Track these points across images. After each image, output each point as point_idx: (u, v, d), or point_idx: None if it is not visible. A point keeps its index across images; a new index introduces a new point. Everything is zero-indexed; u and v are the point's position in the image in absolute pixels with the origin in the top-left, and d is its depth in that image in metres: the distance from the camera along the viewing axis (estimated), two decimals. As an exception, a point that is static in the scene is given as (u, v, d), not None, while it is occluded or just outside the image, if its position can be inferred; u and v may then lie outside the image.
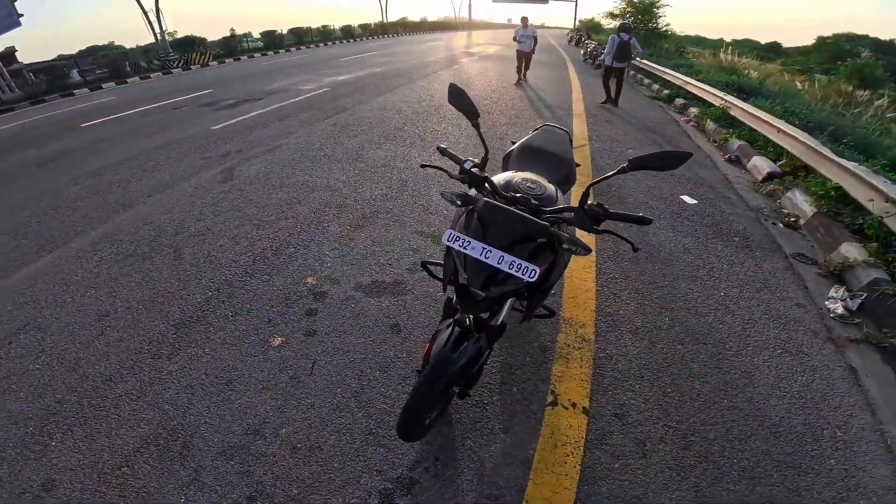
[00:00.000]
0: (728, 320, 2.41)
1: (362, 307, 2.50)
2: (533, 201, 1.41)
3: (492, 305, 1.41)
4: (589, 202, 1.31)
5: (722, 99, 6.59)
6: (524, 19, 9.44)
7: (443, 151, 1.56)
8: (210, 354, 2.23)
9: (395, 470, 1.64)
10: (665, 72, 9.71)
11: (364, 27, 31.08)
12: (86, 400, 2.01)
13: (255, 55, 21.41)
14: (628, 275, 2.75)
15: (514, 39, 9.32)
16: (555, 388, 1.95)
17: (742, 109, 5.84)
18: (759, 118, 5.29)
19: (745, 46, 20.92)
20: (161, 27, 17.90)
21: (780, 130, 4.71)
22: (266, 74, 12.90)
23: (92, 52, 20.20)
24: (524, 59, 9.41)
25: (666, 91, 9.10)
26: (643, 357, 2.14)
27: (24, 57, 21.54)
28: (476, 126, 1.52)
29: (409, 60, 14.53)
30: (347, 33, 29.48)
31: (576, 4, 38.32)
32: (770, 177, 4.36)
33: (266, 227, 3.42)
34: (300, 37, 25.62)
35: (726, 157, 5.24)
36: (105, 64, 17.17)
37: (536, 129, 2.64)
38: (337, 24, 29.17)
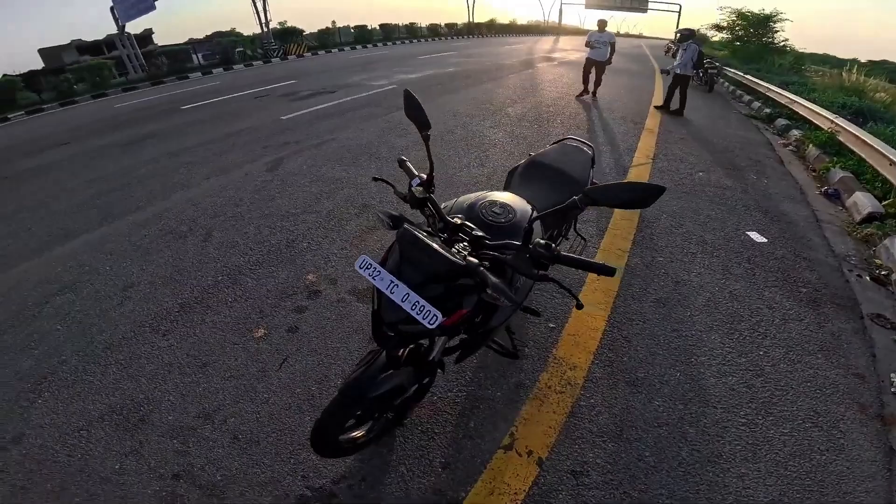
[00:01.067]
0: (756, 384, 1.99)
1: (349, 312, 2.44)
2: (475, 232, 1.23)
3: (413, 340, 1.25)
4: (537, 241, 1.10)
5: (831, 122, 5.60)
6: (601, 22, 7.95)
7: (401, 164, 1.45)
8: (198, 337, 2.32)
9: (319, 479, 1.58)
10: (769, 88, 8.54)
11: (450, 27, 31.49)
12: (82, 365, 2.18)
13: (346, 48, 22.65)
14: (649, 317, 2.39)
15: (587, 45, 7.80)
16: (515, 431, 1.74)
17: (852, 135, 4.90)
18: (870, 146, 4.39)
19: (883, 68, 17.85)
20: (265, 17, 19.55)
21: (892, 163, 3.86)
22: (347, 68, 13.55)
23: (213, 39, 22.66)
24: (596, 68, 7.90)
25: (767, 110, 8.01)
26: (632, 413, 1.83)
27: (159, 40, 24.89)
28: (425, 139, 1.39)
29: (484, 62, 14.40)
30: (433, 32, 30.07)
31: (678, 14, 35.06)
32: (870, 218, 3.58)
33: (290, 219, 3.52)
34: (388, 33, 26.63)
35: (822, 189, 4.42)
36: (218, 51, 19.18)
37: (554, 143, 2.40)
38: (425, 21, 29.93)
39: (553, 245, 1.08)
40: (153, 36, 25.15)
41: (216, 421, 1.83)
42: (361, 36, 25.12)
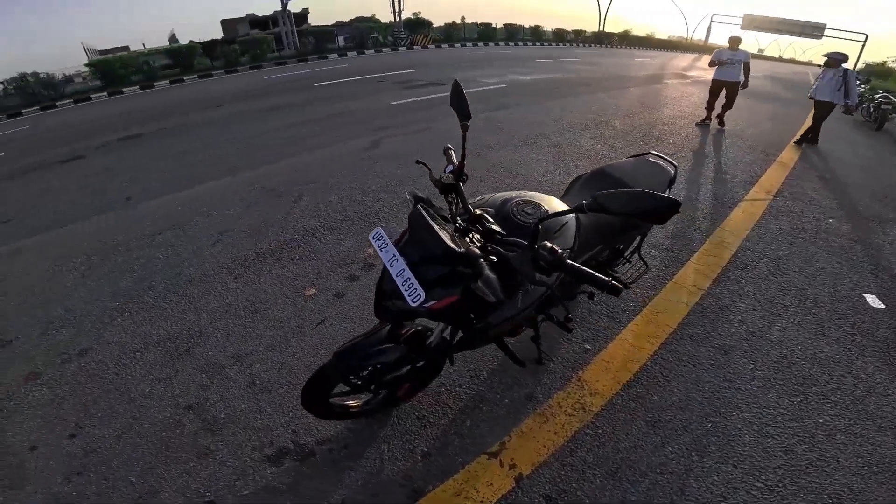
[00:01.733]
0: (798, 451, 1.68)
1: (393, 290, 2.57)
2: (490, 225, 1.22)
3: (405, 318, 1.28)
4: (544, 243, 1.05)
5: None
6: (735, 40, 6.35)
7: (445, 151, 1.51)
8: (260, 285, 2.63)
9: (306, 437, 1.71)
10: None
11: (577, 33, 30.30)
12: (164, 293, 2.62)
13: (468, 45, 23.19)
14: (702, 362, 2.11)
15: (714, 63, 6.37)
16: (507, 441, 1.69)
17: None
18: None
19: None
20: (398, 6, 20.85)
21: None
22: (465, 63, 13.89)
23: (353, 24, 24.91)
24: (726, 90, 6.45)
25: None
26: (638, 453, 1.66)
27: (312, 20, 28.01)
28: (463, 128, 1.43)
29: (606, 72, 13.64)
30: (559, 37, 29.24)
31: (863, 43, 28.92)
32: None
33: (370, 194, 3.78)
34: (512, 33, 26.58)
35: None
36: (356, 35, 21.02)
37: (633, 156, 2.22)
38: (551, 26, 29.27)
39: (560, 251, 1.02)
40: (308, 16, 28.31)
41: (244, 364, 2.06)
42: (485, 34, 25.43)
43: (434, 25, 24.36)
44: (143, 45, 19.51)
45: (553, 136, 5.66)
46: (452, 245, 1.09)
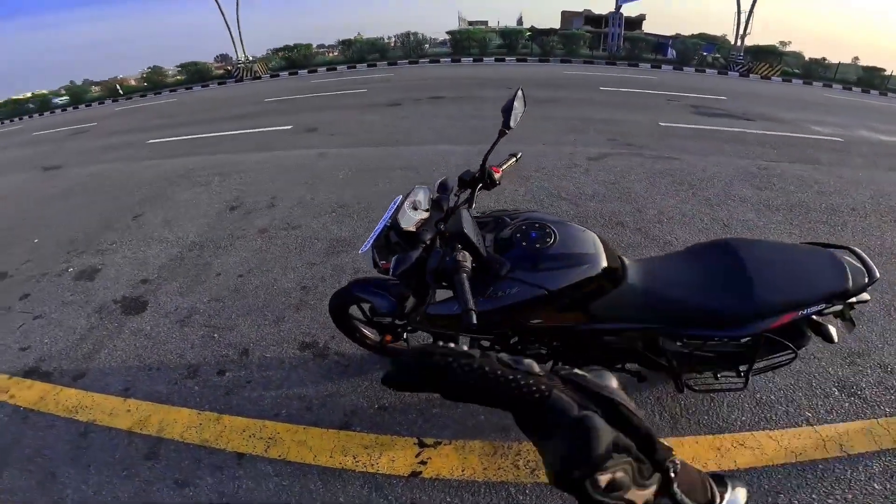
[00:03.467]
0: None
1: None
2: (463, 227, 1.22)
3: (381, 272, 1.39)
4: (452, 253, 1.09)
5: None
6: None
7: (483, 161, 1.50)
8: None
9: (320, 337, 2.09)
10: None
11: None
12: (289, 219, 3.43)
13: (836, 86, 17.59)
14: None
15: None
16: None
17: None
18: None
19: None
20: (743, 30, 17.60)
21: None
22: (803, 102, 10.79)
23: (678, 38, 22.71)
24: None
25: None
26: None
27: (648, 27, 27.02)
28: (500, 134, 1.41)
29: None
30: None
31: None
32: None
33: (545, 203, 3.76)
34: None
35: None
36: (680, 50, 19.20)
37: (812, 244, 1.48)
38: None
39: (462, 261, 1.02)
40: (643, 22, 27.40)
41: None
42: (868, 78, 18.39)
43: (791, 53, 19.44)
44: (498, 22, 23.40)
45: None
46: (404, 224, 1.19)
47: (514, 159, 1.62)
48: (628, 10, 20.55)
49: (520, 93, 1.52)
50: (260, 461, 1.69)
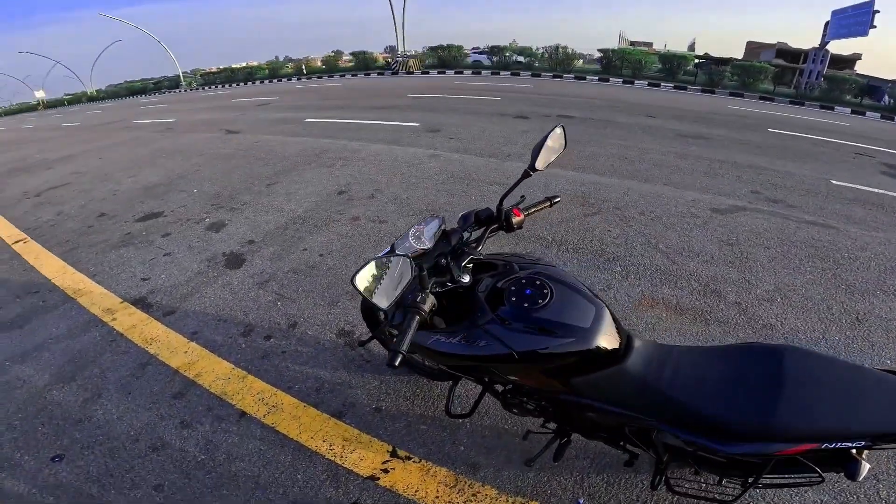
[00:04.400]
0: None
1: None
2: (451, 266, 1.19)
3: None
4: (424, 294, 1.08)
5: None
6: None
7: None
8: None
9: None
10: None
11: None
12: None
13: None
14: None
15: None
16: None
17: None
18: None
19: None
20: None
21: None
22: None
23: None
24: None
25: None
26: None
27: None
28: (524, 175, 1.34)
29: None
30: None
31: None
32: None
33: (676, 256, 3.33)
34: None
35: None
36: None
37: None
38: None
39: (417, 304, 1.02)
40: (857, 61, 22.50)
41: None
42: None
43: None
44: (665, 45, 21.60)
45: None
46: (399, 251, 1.25)
47: (547, 203, 1.48)
48: (839, 48, 17.02)
49: (558, 131, 1.38)
50: (255, 423, 1.87)
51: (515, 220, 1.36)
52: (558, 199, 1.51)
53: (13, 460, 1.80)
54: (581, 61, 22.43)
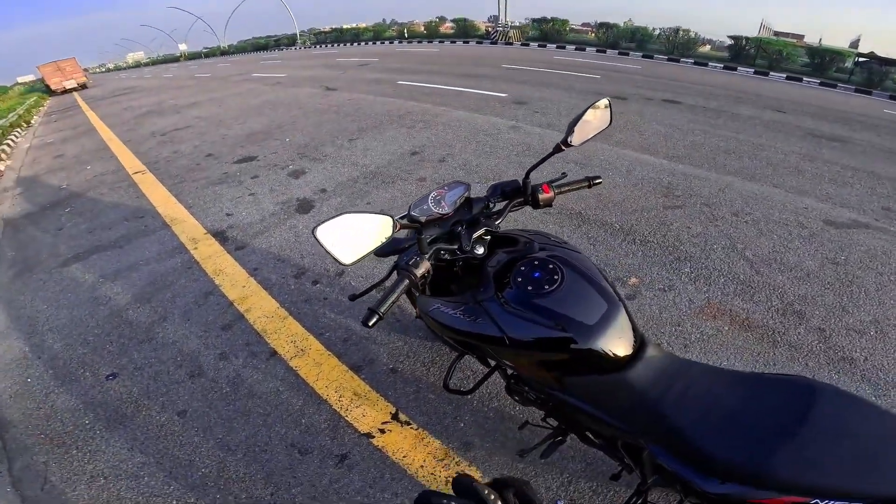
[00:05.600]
0: None
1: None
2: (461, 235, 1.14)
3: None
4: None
5: None
6: None
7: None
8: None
9: None
10: None
11: None
12: None
13: None
14: None
15: None
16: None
17: None
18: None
19: None
20: None
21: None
22: None
23: None
24: None
25: None
26: None
27: None
28: (556, 149, 1.25)
29: None
30: None
31: None
32: None
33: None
34: None
35: None
36: None
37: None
38: None
39: (408, 267, 0.99)
40: None
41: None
42: None
43: None
44: (820, 40, 18.27)
45: None
46: (415, 212, 1.21)
47: (586, 184, 1.34)
48: None
49: (603, 103, 1.22)
50: (280, 364, 2.03)
51: (543, 196, 1.26)
52: (599, 180, 1.35)
53: (74, 376, 2.10)
54: (708, 47, 19.83)
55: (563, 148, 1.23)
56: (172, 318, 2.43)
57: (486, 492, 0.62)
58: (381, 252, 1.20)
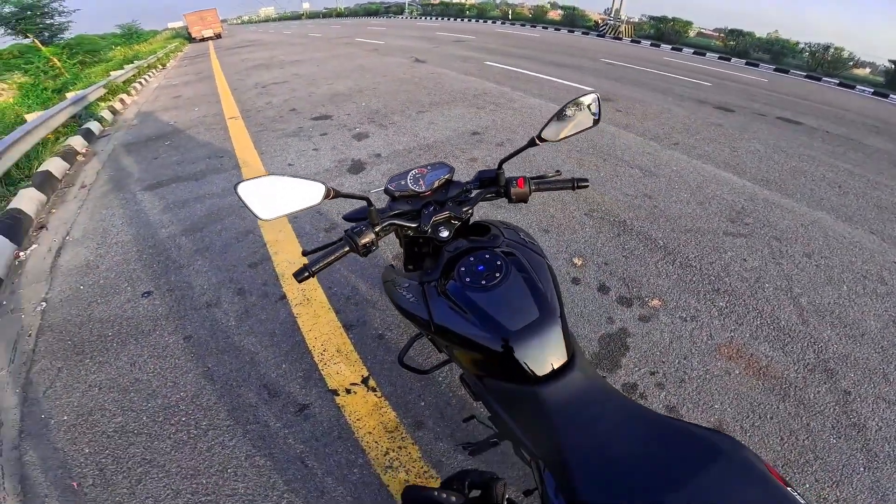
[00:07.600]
0: None
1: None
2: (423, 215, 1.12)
3: None
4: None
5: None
6: None
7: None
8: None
9: None
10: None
11: None
12: None
13: None
14: None
15: None
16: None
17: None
18: None
19: None
20: None
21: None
22: None
23: None
24: None
25: None
26: None
27: None
28: (530, 143, 1.16)
29: None
30: None
31: None
32: None
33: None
34: None
35: None
36: None
37: None
38: None
39: (352, 236, 1.02)
40: None
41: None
42: None
43: None
44: None
45: None
46: (393, 187, 1.23)
47: (570, 185, 1.21)
48: None
49: (587, 99, 1.11)
50: (284, 309, 2.19)
51: (516, 190, 1.18)
52: (586, 183, 1.24)
53: (118, 289, 2.39)
54: (867, 70, 16.78)
55: (538, 142, 1.15)
56: (213, 249, 2.73)
57: (437, 493, 0.65)
58: (350, 217, 1.23)
